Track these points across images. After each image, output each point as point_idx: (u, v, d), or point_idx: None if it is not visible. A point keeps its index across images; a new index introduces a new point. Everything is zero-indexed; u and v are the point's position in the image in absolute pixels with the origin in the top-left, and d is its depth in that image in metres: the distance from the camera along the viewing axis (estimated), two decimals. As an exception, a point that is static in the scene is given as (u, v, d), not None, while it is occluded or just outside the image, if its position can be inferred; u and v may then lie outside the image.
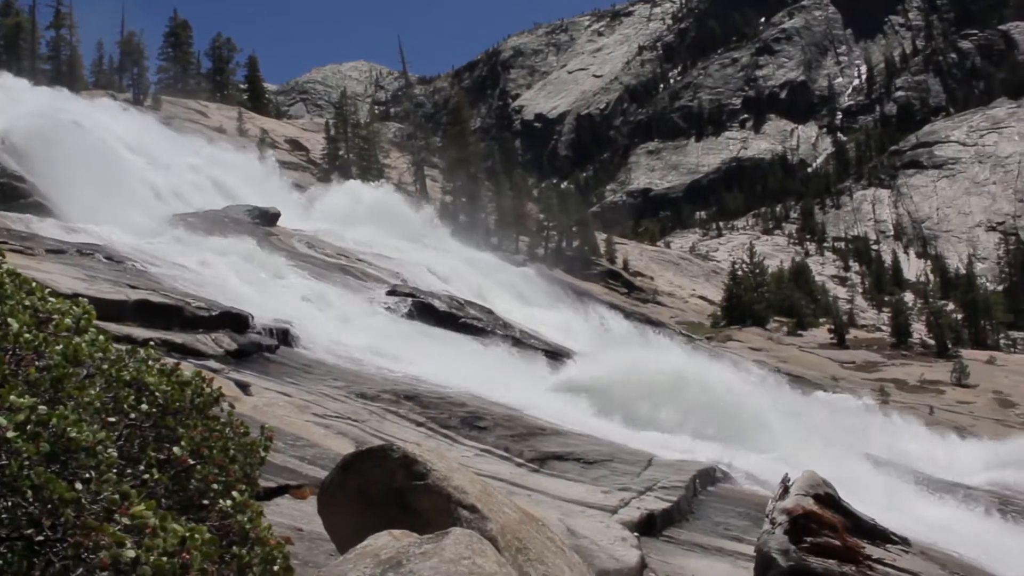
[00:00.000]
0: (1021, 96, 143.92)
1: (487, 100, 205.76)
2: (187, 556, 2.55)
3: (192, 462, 3.41)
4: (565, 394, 18.02)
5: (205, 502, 3.35)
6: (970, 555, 10.71)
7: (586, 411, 17.09)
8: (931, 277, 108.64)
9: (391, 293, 26.11)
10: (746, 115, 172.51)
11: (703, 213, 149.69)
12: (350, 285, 26.62)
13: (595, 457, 12.95)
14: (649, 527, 10.63)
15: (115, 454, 3.06)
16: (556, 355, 23.82)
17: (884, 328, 66.21)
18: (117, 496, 2.68)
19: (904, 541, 5.50)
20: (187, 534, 2.59)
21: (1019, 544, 14.90)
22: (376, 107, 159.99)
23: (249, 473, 3.68)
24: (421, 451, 5.25)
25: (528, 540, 5.16)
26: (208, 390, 3.86)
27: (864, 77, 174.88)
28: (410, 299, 25.41)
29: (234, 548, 3.08)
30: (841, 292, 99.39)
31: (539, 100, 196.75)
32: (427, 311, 24.69)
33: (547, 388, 18.58)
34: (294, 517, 8.11)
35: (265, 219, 33.38)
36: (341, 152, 65.65)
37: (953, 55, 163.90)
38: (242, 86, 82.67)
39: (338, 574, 3.67)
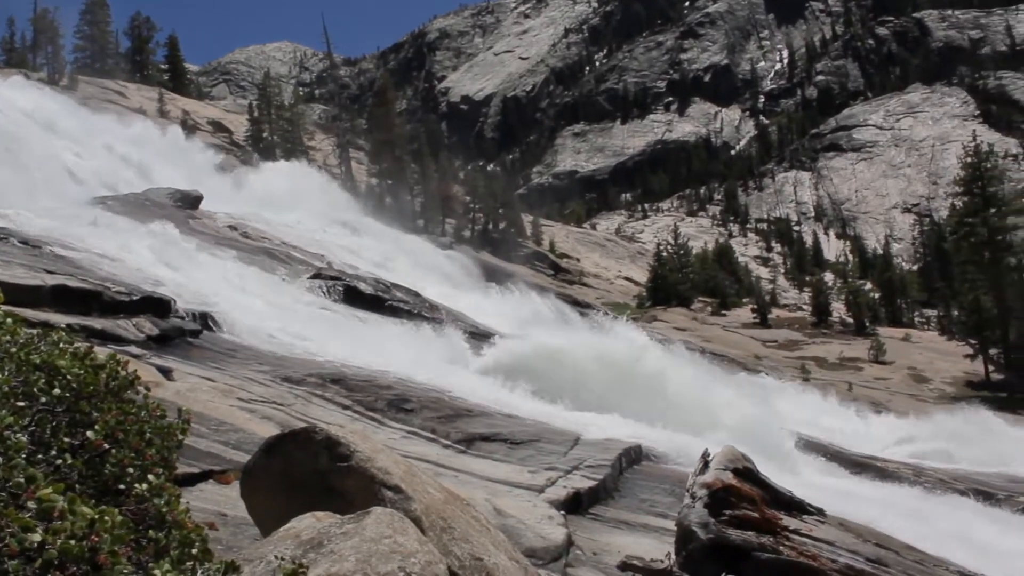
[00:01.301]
0: (934, 82, 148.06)
1: (413, 82, 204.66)
2: (96, 539, 2.50)
3: (107, 446, 3.34)
4: (491, 375, 18.04)
5: (121, 487, 3.29)
6: (885, 524, 11.01)
7: (513, 392, 17.14)
8: (850, 257, 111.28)
9: (317, 276, 25.84)
10: (671, 98, 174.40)
11: (629, 195, 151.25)
12: (275, 269, 26.29)
13: (522, 437, 13.01)
14: (575, 505, 10.72)
15: (25, 439, 2.99)
16: (483, 336, 23.84)
17: (805, 307, 67.54)
18: (23, 479, 2.62)
19: (820, 512, 5.65)
20: (96, 517, 2.54)
21: (932, 513, 15.38)
22: (300, 88, 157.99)
23: (167, 456, 3.62)
24: (345, 433, 5.22)
25: (453, 519, 5.17)
26: (123, 373, 3.78)
27: (786, 61, 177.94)
28: (336, 282, 25.19)
29: (151, 532, 3.03)
30: (764, 272, 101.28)
31: (465, 82, 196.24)
32: (353, 294, 24.50)
33: (474, 369, 18.61)
34: (218, 502, 8.01)
35: (187, 202, 32.78)
36: (265, 134, 64.72)
37: (871, 41, 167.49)
38: (162, 66, 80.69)
39: (258, 556, 3.64)
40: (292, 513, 4.35)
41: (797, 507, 5.61)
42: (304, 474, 5.14)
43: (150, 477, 3.28)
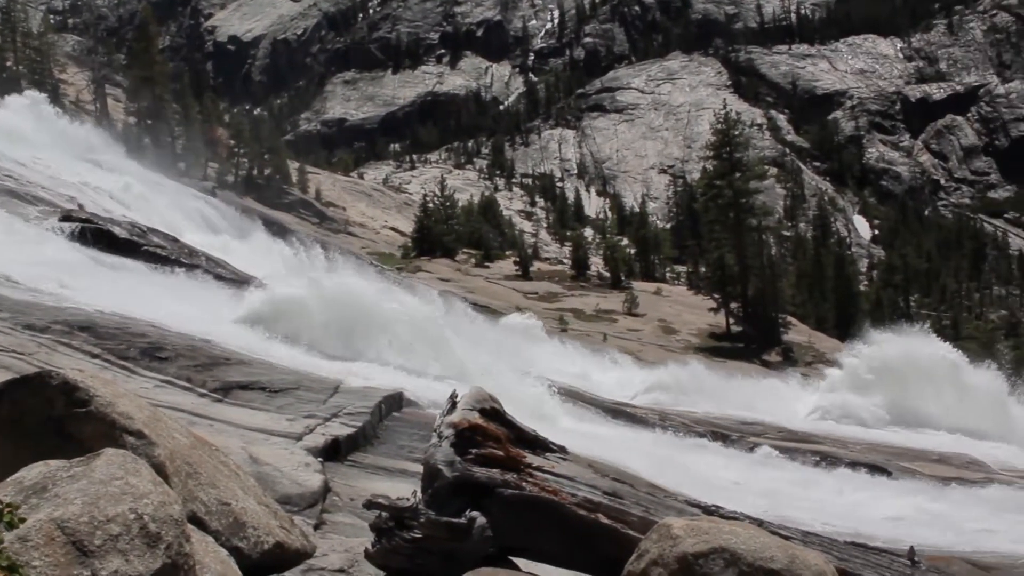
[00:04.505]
0: (693, 51, 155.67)
1: (178, 18, 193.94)
2: None
3: None
4: (251, 323, 17.68)
5: None
6: (631, 464, 11.75)
7: (272, 339, 16.90)
8: (609, 214, 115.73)
9: (66, 219, 24.30)
10: (443, 50, 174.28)
11: (397, 146, 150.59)
12: (19, 209, 24.59)
13: (281, 385, 12.89)
14: (334, 452, 10.77)
15: None
16: (243, 283, 23.24)
17: (565, 261, 69.70)
18: None
19: (562, 449, 5.95)
20: None
21: (675, 452, 16.53)
22: (52, 16, 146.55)
23: None
24: (84, 377, 5.01)
25: (199, 465, 5.11)
26: None
27: (556, 21, 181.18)
28: (87, 225, 23.81)
29: None
30: (527, 226, 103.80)
31: (233, 21, 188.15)
32: (106, 238, 23.25)
33: (233, 317, 18.15)
34: (-57, 457, 7.50)
35: (-87, 134, 29.96)
36: (9, 63, 59.72)
37: (637, 7, 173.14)
38: None
39: (-24, 506, 3.47)
40: (23, 463, 4.16)
41: (541, 445, 5.89)
42: (38, 422, 4.89)
43: None
